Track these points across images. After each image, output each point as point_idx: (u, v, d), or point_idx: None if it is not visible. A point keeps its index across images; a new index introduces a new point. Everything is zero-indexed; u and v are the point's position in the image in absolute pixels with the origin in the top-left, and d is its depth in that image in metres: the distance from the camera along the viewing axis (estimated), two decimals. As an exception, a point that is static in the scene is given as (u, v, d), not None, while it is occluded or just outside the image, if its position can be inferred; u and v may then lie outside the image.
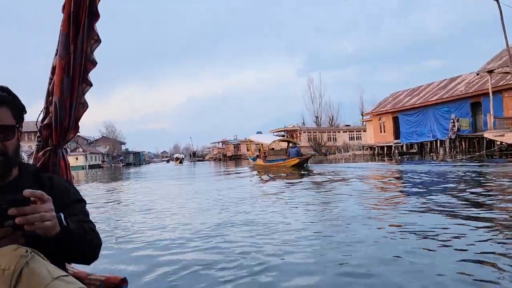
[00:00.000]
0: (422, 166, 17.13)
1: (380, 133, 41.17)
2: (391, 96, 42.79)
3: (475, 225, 4.89)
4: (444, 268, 3.34)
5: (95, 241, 1.36)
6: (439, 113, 33.07)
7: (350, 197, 8.20)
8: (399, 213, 6.15)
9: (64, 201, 1.36)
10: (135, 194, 13.08)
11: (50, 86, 1.70)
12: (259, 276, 3.44)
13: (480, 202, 6.77)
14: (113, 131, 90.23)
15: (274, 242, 4.63)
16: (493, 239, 4.23)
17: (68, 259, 1.36)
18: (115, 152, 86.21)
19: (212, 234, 5.30)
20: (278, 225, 5.68)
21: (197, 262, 3.97)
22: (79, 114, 1.75)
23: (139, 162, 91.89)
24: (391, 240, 4.52)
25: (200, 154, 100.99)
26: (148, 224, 6.52)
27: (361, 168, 19.26)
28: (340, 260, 3.78)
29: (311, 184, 12.13)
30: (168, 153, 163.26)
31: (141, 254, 4.46)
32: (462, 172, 12.51)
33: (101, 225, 6.55)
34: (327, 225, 5.55)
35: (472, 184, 9.41)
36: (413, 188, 9.43)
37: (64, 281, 1.06)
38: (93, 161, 74.08)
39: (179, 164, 62.74)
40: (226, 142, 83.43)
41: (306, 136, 61.37)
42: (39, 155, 1.74)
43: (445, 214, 5.73)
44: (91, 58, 1.70)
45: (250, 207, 7.67)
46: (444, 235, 4.49)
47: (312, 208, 7.31)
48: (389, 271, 3.38)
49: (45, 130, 1.73)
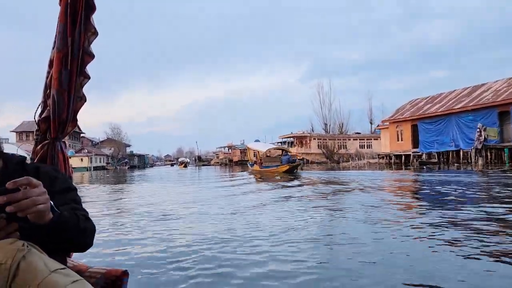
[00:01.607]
0: (472, 177, 15.68)
1: (397, 141, 39.67)
2: (409, 103, 41.34)
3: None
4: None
5: (89, 228, 1.31)
6: (462, 121, 31.58)
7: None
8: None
9: (52, 190, 1.24)
10: (141, 194, 13.74)
11: (48, 79, 1.69)
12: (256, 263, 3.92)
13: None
14: (118, 133, 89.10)
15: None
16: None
17: (64, 248, 1.32)
18: (120, 154, 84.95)
19: (210, 229, 5.81)
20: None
21: (197, 255, 4.19)
22: (78, 107, 1.74)
23: (143, 165, 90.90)
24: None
25: (205, 159, 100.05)
26: (152, 220, 6.94)
27: (375, 177, 17.86)
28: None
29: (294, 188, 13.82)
30: (171, 156, 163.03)
31: (142, 249, 4.55)
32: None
33: (109, 221, 6.95)
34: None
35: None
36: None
37: (62, 274, 1.05)
38: (97, 162, 72.89)
39: (183, 168, 62.20)
40: (233, 147, 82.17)
41: (316, 142, 60.12)
42: (37, 149, 1.74)
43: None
44: (88, 50, 1.70)
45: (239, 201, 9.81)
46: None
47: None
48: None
49: (43, 124, 1.73)
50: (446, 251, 4.24)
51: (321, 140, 60.56)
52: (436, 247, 4.43)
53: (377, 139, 61.04)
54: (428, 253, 4.22)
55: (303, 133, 63.35)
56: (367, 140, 62.47)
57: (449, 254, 4.12)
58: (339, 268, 3.75)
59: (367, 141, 62.24)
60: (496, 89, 30.74)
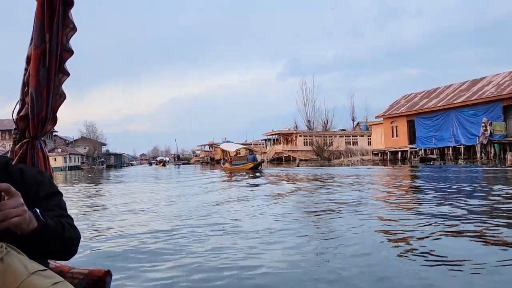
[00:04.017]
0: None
1: (392, 137, 38.58)
2: (403, 98, 40.35)
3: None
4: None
5: (74, 236, 1.28)
6: (463, 116, 30.68)
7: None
8: None
9: (38, 195, 1.27)
10: (124, 193, 13.93)
11: (25, 76, 1.63)
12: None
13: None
14: (93, 131, 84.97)
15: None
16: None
17: (47, 255, 1.28)
18: (95, 154, 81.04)
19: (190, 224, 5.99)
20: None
21: (179, 254, 4.12)
22: (57, 104, 1.70)
23: (120, 164, 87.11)
24: None
25: (184, 157, 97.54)
26: (131, 218, 6.95)
27: (393, 175, 16.30)
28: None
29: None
30: (147, 155, 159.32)
31: (125, 247, 4.47)
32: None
33: (88, 221, 6.76)
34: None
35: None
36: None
37: (42, 275, 1.03)
38: (72, 162, 69.03)
39: (162, 167, 61.36)
40: (214, 145, 79.79)
41: (302, 139, 58.73)
42: (16, 148, 1.68)
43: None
44: (67, 47, 1.65)
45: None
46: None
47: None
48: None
49: (22, 122, 1.66)
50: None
51: (307, 137, 59.22)
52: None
53: (363, 136, 60.33)
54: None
55: (288, 130, 61.88)
56: (353, 137, 61.58)
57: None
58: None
59: (352, 138, 61.33)
60: (498, 83, 29.92)
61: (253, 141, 75.86)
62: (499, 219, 5.38)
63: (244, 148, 41.11)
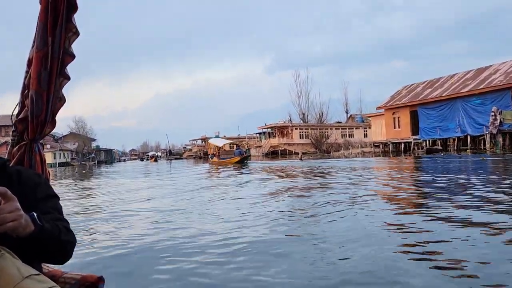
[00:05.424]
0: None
1: (394, 128, 37.79)
2: (404, 89, 39.55)
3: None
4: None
5: (70, 241, 1.25)
6: (470, 105, 29.96)
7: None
8: None
9: (34, 197, 1.26)
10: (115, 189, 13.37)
11: (26, 79, 1.62)
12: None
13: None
14: (83, 127, 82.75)
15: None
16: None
17: (42, 259, 1.26)
18: (85, 149, 79.03)
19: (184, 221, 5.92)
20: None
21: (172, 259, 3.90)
22: (57, 108, 1.68)
23: (111, 160, 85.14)
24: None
25: (176, 152, 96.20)
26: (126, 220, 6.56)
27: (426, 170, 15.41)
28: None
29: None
30: (137, 151, 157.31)
31: (118, 253, 4.31)
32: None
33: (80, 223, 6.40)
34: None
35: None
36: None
37: (35, 279, 1.01)
38: (61, 158, 66.96)
39: (154, 162, 59.93)
40: (207, 139, 78.44)
41: (298, 132, 57.78)
42: (14, 150, 1.68)
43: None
44: (69, 51, 1.64)
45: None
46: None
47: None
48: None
49: (20, 124, 1.65)
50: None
51: (303, 130, 58.30)
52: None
53: (359, 128, 59.67)
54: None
55: (284, 123, 60.87)
56: (349, 129, 60.84)
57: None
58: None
59: (348, 130, 60.59)
60: (506, 71, 29.21)
61: (247, 135, 74.61)
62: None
63: (228, 143, 43.58)
